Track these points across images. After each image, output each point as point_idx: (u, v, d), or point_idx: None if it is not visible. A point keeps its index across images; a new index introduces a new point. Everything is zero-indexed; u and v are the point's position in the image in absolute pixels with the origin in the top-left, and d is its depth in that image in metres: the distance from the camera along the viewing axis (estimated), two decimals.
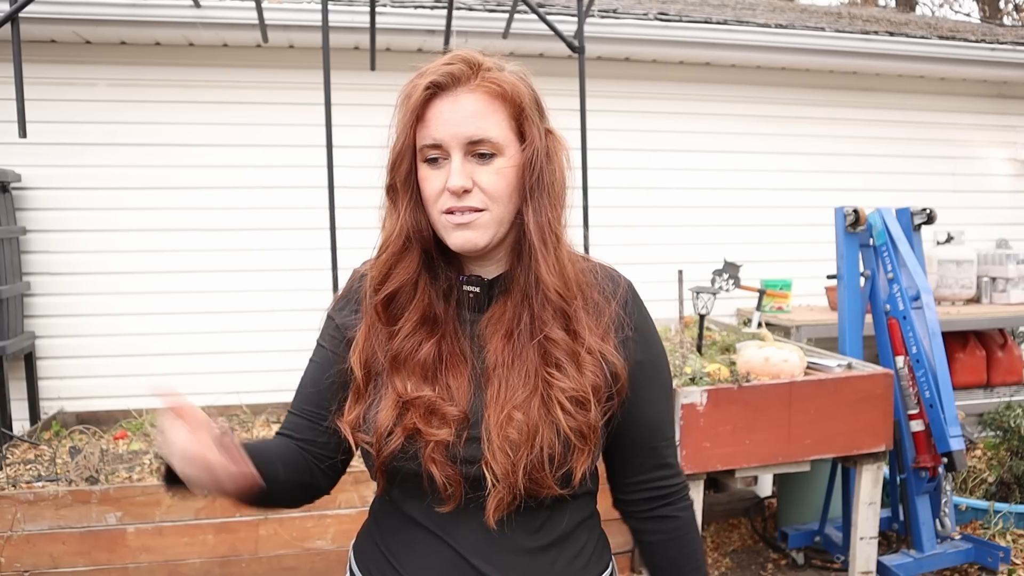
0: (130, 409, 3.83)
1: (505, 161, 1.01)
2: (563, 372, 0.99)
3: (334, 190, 3.07)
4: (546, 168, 1.03)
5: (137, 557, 2.72)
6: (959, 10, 14.61)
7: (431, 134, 1.00)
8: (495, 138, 1.00)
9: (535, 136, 1.03)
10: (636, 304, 1.10)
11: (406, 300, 1.06)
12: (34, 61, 3.63)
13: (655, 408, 1.11)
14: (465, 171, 0.99)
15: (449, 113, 1.00)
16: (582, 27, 3.43)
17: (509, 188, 1.01)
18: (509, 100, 1.01)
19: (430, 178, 1.02)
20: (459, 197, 0.99)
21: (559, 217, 1.04)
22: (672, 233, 4.56)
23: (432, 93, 1.01)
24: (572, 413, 0.98)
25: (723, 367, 2.74)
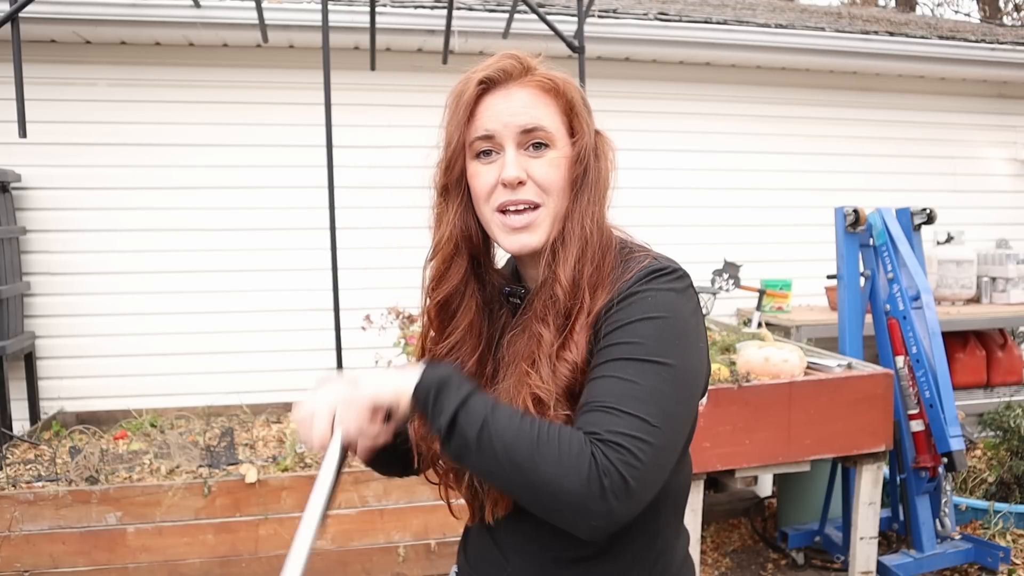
0: (130, 409, 3.84)
1: (558, 153, 0.99)
2: (537, 372, 0.96)
3: (334, 190, 3.07)
4: (593, 166, 1.02)
5: (137, 557, 2.72)
6: (959, 10, 14.61)
7: (483, 125, 0.99)
8: (548, 127, 0.99)
9: (585, 132, 1.02)
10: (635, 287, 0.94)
11: (456, 307, 1.06)
12: (34, 61, 3.63)
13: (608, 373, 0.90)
14: (519, 163, 0.97)
15: (502, 104, 0.99)
16: (582, 27, 3.43)
17: (563, 181, 0.99)
18: (561, 95, 1.01)
19: (481, 173, 1.00)
20: (514, 190, 0.97)
21: (599, 215, 1.02)
22: (672, 233, 4.56)
23: (484, 89, 1.00)
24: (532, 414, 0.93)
25: (723, 367, 2.74)
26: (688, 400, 0.93)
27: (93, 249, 3.90)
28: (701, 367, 0.97)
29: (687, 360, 0.92)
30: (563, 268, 0.97)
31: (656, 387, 0.87)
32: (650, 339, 0.90)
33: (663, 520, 1.02)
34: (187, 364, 4.01)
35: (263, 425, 3.69)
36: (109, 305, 3.93)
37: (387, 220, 4.10)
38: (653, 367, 0.88)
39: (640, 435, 0.83)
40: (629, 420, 0.84)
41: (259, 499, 2.78)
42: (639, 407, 0.85)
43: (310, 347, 3.99)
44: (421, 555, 2.90)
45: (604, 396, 0.87)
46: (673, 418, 0.88)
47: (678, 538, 1.07)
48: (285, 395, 4.00)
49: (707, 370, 1.01)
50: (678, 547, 1.06)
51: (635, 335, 0.90)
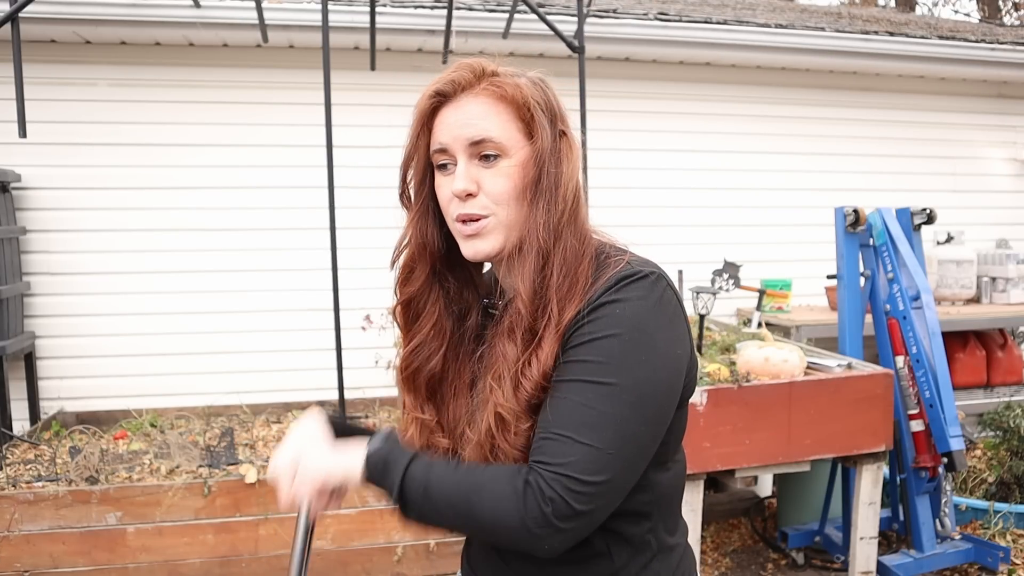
0: (130, 409, 3.84)
1: (510, 162, 0.99)
2: (501, 388, 0.96)
3: (334, 190, 3.07)
4: (551, 170, 0.99)
5: (137, 557, 2.72)
6: (958, 10, 14.61)
7: (437, 139, 1.01)
8: (497, 138, 0.98)
9: (540, 137, 1.00)
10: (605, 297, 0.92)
11: (420, 309, 1.09)
12: (34, 61, 3.63)
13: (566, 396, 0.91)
14: (469, 175, 0.99)
15: (452, 117, 1.00)
16: (582, 27, 3.43)
17: (516, 191, 0.98)
18: (512, 101, 0.99)
19: (442, 185, 1.02)
20: (464, 201, 0.99)
21: (561, 221, 0.98)
22: (672, 233, 4.56)
23: (438, 102, 1.01)
24: (493, 431, 0.96)
25: (723, 367, 2.73)
26: (656, 416, 0.94)
27: (93, 249, 3.90)
28: (673, 376, 0.96)
29: (654, 375, 0.92)
30: (522, 280, 0.97)
31: (614, 412, 0.89)
32: (613, 358, 0.90)
33: (656, 519, 1.04)
34: (187, 364, 4.01)
35: (263, 425, 3.69)
36: (109, 305, 3.93)
37: (387, 220, 4.04)
38: (612, 390, 0.89)
39: (589, 464, 0.87)
40: (580, 449, 0.88)
41: (259, 499, 2.78)
42: (593, 435, 0.88)
43: (310, 347, 3.99)
44: (421, 555, 2.90)
45: (559, 423, 0.90)
46: (632, 439, 0.90)
47: (674, 534, 1.08)
48: (285, 395, 4.00)
49: (688, 370, 1.00)
50: (675, 542, 1.07)
51: (598, 353, 0.90)
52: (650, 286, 0.93)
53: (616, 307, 0.91)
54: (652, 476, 1.00)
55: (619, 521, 0.98)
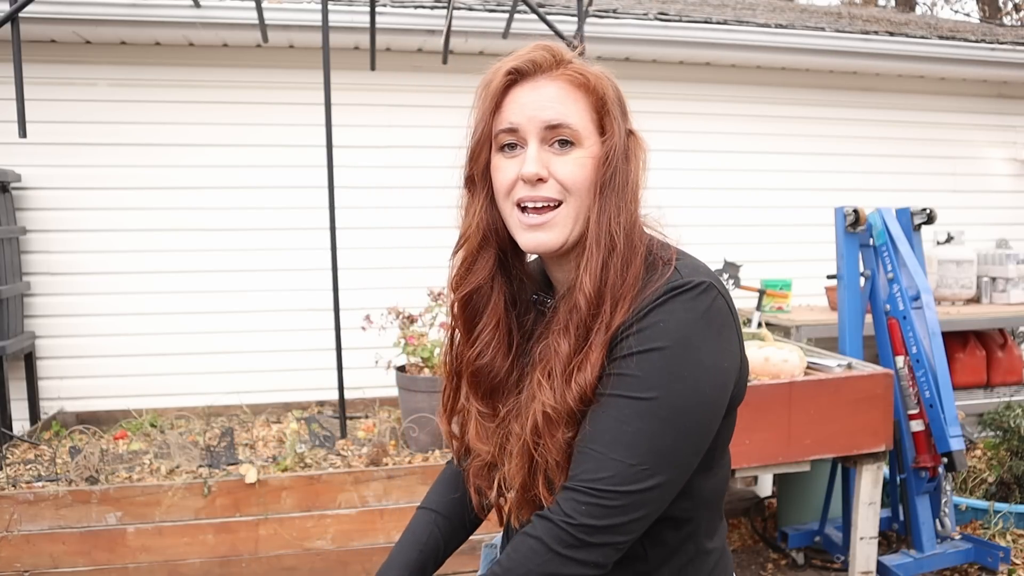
0: (130, 409, 3.84)
1: (584, 152, 0.96)
2: (551, 386, 0.94)
3: (334, 190, 3.07)
4: (622, 167, 0.98)
5: (137, 557, 2.72)
6: (958, 10, 14.61)
7: (507, 118, 0.96)
8: (574, 125, 0.95)
9: (615, 131, 0.98)
10: (652, 306, 0.92)
11: (483, 303, 1.03)
12: (34, 61, 3.63)
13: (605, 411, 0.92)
14: (541, 159, 0.95)
15: (528, 97, 0.96)
16: (582, 27, 3.43)
17: (587, 181, 0.96)
18: (592, 91, 0.97)
19: (503, 167, 0.98)
20: (533, 186, 0.95)
21: (626, 220, 0.97)
22: (672, 233, 4.53)
23: (512, 79, 0.97)
24: (538, 432, 0.94)
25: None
26: (695, 430, 0.93)
27: (93, 249, 3.90)
28: (718, 391, 0.94)
29: (696, 390, 0.91)
30: (588, 274, 0.94)
31: (649, 428, 0.89)
32: (653, 373, 0.89)
33: (696, 524, 1.02)
34: (187, 364, 4.01)
35: (263, 425, 3.69)
36: (109, 305, 3.93)
37: (387, 220, 4.10)
38: (650, 405, 0.89)
39: (620, 479, 0.88)
40: (612, 465, 0.88)
41: (259, 499, 2.78)
42: (626, 452, 0.88)
43: (310, 347, 3.99)
44: None
45: (596, 437, 0.90)
46: (668, 454, 0.90)
47: (713, 537, 1.06)
48: (285, 395, 4.00)
49: (737, 381, 1.00)
50: (713, 546, 1.05)
51: (639, 367, 0.90)
52: (698, 297, 0.92)
53: (661, 319, 0.90)
54: (696, 482, 0.98)
55: (659, 526, 0.97)
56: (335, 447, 3.18)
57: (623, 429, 0.89)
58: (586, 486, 0.88)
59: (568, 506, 0.89)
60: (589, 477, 0.89)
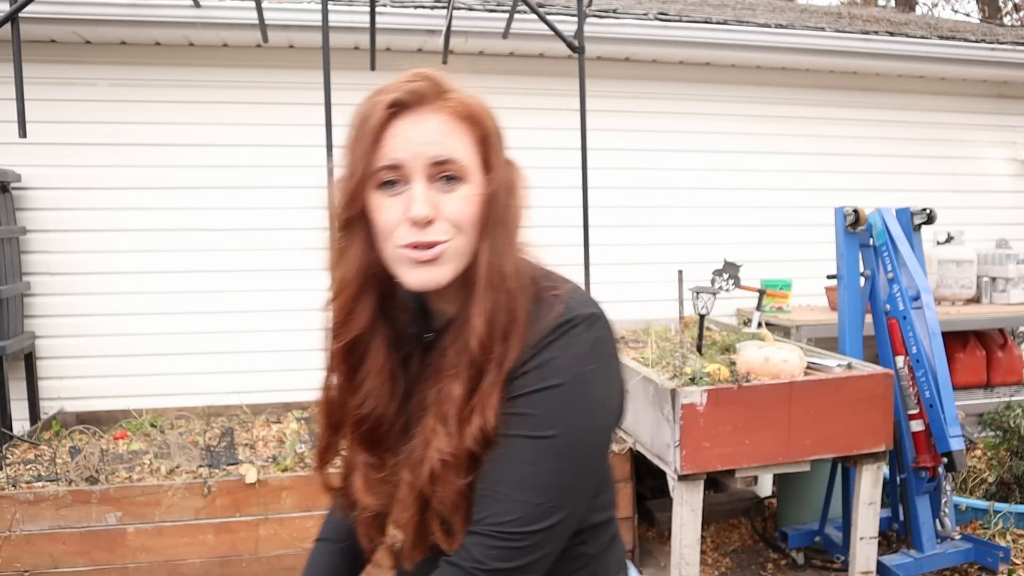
0: (130, 409, 3.84)
1: (471, 188, 0.92)
2: (446, 433, 0.91)
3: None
4: (506, 202, 0.95)
5: (137, 557, 2.72)
6: (958, 10, 14.61)
7: (389, 154, 0.90)
8: (461, 160, 0.91)
9: (500, 166, 0.95)
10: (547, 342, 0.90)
11: (364, 350, 0.99)
12: (34, 61, 3.63)
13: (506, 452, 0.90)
14: (429, 198, 0.90)
15: (412, 131, 0.90)
16: (582, 27, 3.43)
17: (475, 218, 0.92)
18: (477, 123, 0.94)
19: (385, 207, 0.91)
20: (422, 229, 0.90)
21: (513, 255, 0.95)
22: (672, 233, 4.56)
23: (393, 112, 0.91)
24: (437, 479, 0.91)
25: (723, 367, 2.73)
26: (594, 461, 0.95)
27: (93, 249, 3.90)
28: (610, 418, 0.96)
29: (593, 422, 0.92)
30: (480, 316, 0.91)
31: (552, 466, 0.89)
32: (553, 410, 0.89)
33: (588, 550, 1.03)
34: (187, 364, 4.01)
35: (263, 425, 3.69)
36: (109, 305, 3.93)
37: None
38: (552, 443, 0.89)
39: (526, 519, 0.88)
40: (517, 506, 0.88)
41: (259, 499, 2.78)
42: (530, 492, 0.88)
43: (310, 347, 3.94)
44: None
45: (501, 481, 0.89)
46: (570, 488, 0.91)
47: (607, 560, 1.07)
48: (285, 395, 4.00)
49: (621, 405, 1.00)
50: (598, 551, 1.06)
51: (538, 406, 0.89)
52: (589, 329, 0.91)
53: (556, 355, 0.90)
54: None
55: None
56: None
57: (527, 469, 0.88)
58: (494, 530, 0.87)
59: (477, 551, 0.88)
60: (497, 520, 0.88)
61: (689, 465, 2.57)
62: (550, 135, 4.19)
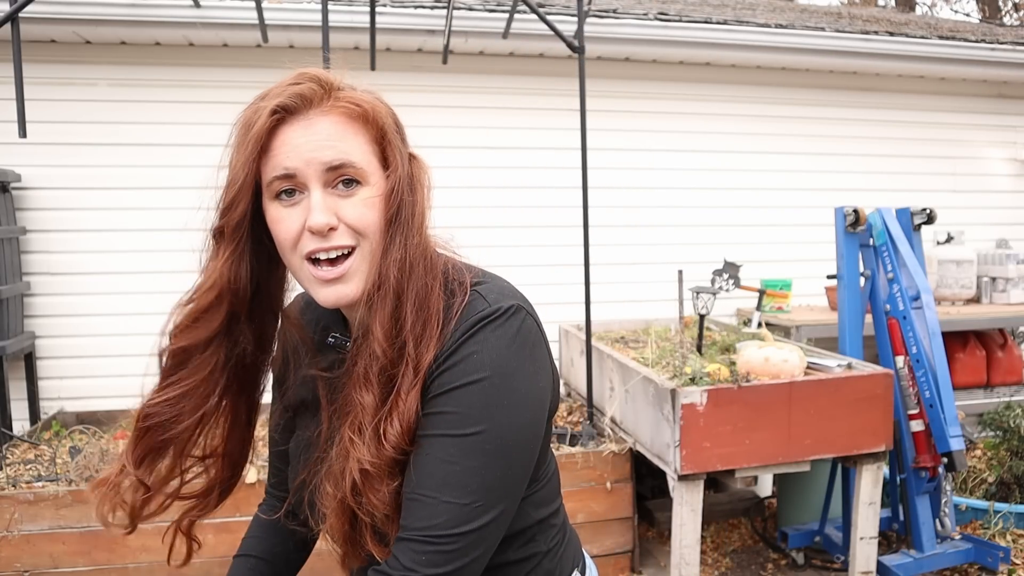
0: (130, 409, 3.83)
1: (371, 190, 0.89)
2: (364, 442, 0.87)
3: None
4: (408, 199, 0.91)
5: (137, 557, 2.72)
6: (958, 10, 14.61)
7: (281, 163, 0.87)
8: (358, 163, 0.88)
9: (398, 163, 0.91)
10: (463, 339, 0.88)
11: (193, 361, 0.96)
12: (34, 61, 3.63)
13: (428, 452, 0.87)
14: (328, 205, 0.86)
15: (302, 138, 0.87)
16: (582, 27, 3.43)
17: (379, 223, 0.89)
18: (370, 122, 0.90)
19: (284, 218, 0.88)
20: (324, 237, 0.87)
21: (417, 253, 0.91)
22: (672, 233, 4.56)
23: (280, 118, 0.88)
24: (360, 488, 0.87)
25: (723, 367, 2.74)
26: (523, 455, 0.91)
27: (93, 249, 3.90)
28: (538, 410, 0.92)
29: (518, 417, 0.88)
30: (378, 321, 0.88)
31: (478, 464, 0.86)
32: (474, 406, 0.86)
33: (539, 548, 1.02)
34: None
35: (263, 425, 3.69)
36: (109, 305, 3.93)
37: None
38: (476, 440, 0.86)
39: (455, 521, 0.85)
40: (444, 508, 0.85)
41: (259, 499, 2.77)
42: (456, 492, 0.85)
43: None
44: None
45: (423, 482, 0.86)
46: (499, 485, 0.87)
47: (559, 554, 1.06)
48: None
49: (553, 395, 0.97)
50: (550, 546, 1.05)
51: (459, 403, 0.86)
52: (507, 322, 0.88)
53: (475, 351, 0.86)
54: (526, 499, 0.97)
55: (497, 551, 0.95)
56: None
57: (451, 469, 0.85)
58: (422, 535, 0.84)
59: (407, 558, 0.85)
60: (423, 525, 0.85)
61: (689, 465, 2.57)
62: (550, 135, 4.19)
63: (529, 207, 4.31)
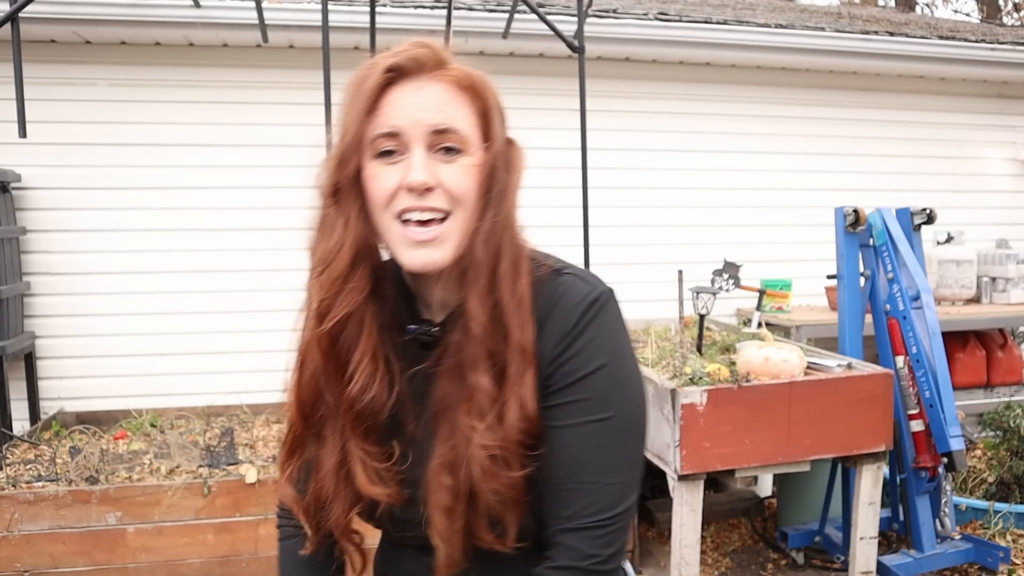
0: (130, 409, 3.84)
1: (471, 159, 0.89)
2: (488, 427, 0.86)
3: None
4: (503, 176, 0.91)
5: (137, 557, 2.72)
6: (958, 10, 14.61)
7: (388, 121, 0.87)
8: (462, 130, 0.88)
9: (499, 138, 0.92)
10: (580, 326, 0.89)
11: (356, 332, 0.91)
12: (34, 61, 3.63)
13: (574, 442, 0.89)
14: (428, 166, 0.86)
15: (412, 99, 0.87)
16: (582, 27, 3.43)
17: (475, 192, 0.89)
18: (477, 95, 0.90)
19: (381, 175, 0.88)
20: (420, 196, 0.86)
21: (512, 232, 0.92)
22: (672, 233, 4.56)
23: (392, 78, 0.88)
24: (490, 472, 0.86)
25: (723, 367, 2.73)
26: (645, 429, 0.95)
27: (93, 249, 3.90)
28: (643, 386, 0.96)
29: (637, 392, 0.93)
30: (474, 298, 0.87)
31: (620, 443, 0.90)
32: (608, 391, 0.89)
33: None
34: (187, 364, 4.00)
35: (263, 425, 3.69)
36: (109, 305, 3.93)
37: None
38: (614, 422, 0.89)
39: (617, 500, 0.89)
40: (608, 491, 0.89)
41: (259, 499, 2.78)
42: (613, 473, 0.89)
43: None
44: None
45: (582, 471, 0.89)
46: (636, 460, 0.92)
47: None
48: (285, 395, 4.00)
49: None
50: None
51: (591, 389, 0.89)
52: (611, 304, 0.92)
53: (595, 336, 0.89)
54: None
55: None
56: None
57: (602, 453, 0.88)
58: (594, 520, 0.88)
59: (587, 545, 0.88)
60: (593, 510, 0.88)
61: (689, 465, 2.57)
62: (550, 135, 4.19)
63: (529, 207, 4.28)
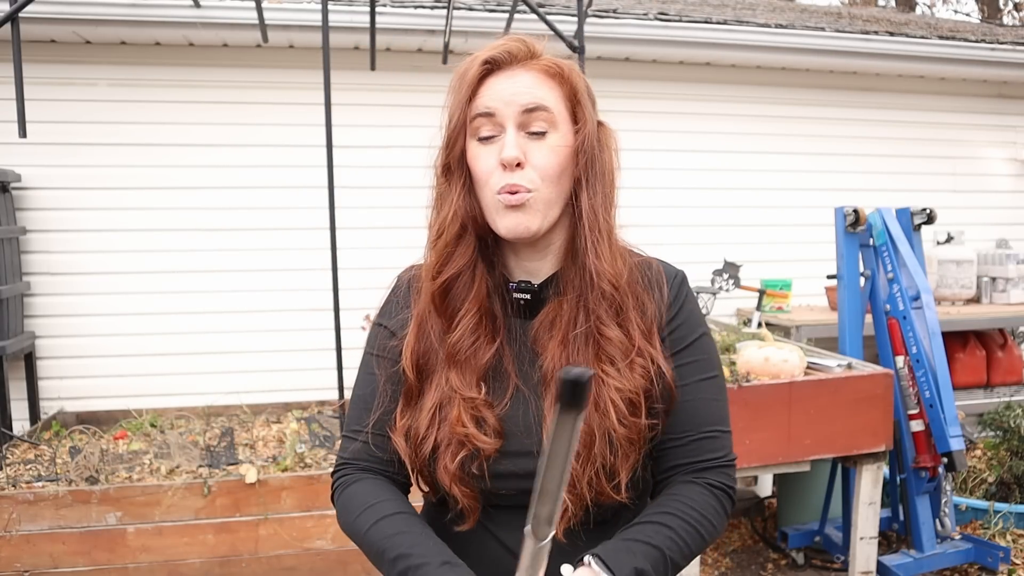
0: (130, 409, 3.84)
1: (559, 139, 0.98)
2: (617, 370, 0.97)
3: (334, 190, 3.07)
4: (598, 155, 1.02)
5: (137, 557, 2.72)
6: (958, 10, 14.61)
7: (484, 103, 0.98)
8: (551, 108, 0.98)
9: (588, 119, 1.02)
10: (680, 298, 1.06)
11: (464, 290, 1.02)
12: (34, 61, 3.63)
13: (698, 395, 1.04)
14: (519, 144, 0.96)
15: (504, 85, 0.98)
16: (582, 27, 3.43)
17: (561, 168, 0.98)
18: (565, 81, 1.01)
19: (481, 155, 0.99)
20: (512, 171, 0.96)
21: (611, 208, 1.03)
22: (672, 233, 4.56)
23: (488, 69, 0.99)
24: (624, 417, 0.96)
25: (723, 367, 2.73)
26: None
27: (93, 249, 3.90)
28: None
29: (719, 354, 1.13)
30: (602, 260, 0.99)
31: (725, 399, 1.08)
32: (712, 353, 1.07)
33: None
34: (187, 364, 4.01)
35: (263, 425, 3.69)
36: (109, 305, 3.93)
37: (387, 220, 4.10)
38: (720, 379, 1.08)
39: (731, 448, 1.07)
40: (727, 437, 1.07)
41: (259, 499, 2.78)
42: (728, 424, 1.07)
43: (310, 347, 3.99)
44: None
45: (712, 420, 1.05)
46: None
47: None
48: (285, 395, 4.00)
49: None
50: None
51: (702, 351, 1.06)
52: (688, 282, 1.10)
53: (692, 308, 1.08)
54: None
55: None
56: (335, 447, 3.17)
57: (719, 406, 1.06)
58: (725, 460, 1.05)
59: (726, 479, 1.04)
60: (723, 453, 1.05)
61: None
62: None
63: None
